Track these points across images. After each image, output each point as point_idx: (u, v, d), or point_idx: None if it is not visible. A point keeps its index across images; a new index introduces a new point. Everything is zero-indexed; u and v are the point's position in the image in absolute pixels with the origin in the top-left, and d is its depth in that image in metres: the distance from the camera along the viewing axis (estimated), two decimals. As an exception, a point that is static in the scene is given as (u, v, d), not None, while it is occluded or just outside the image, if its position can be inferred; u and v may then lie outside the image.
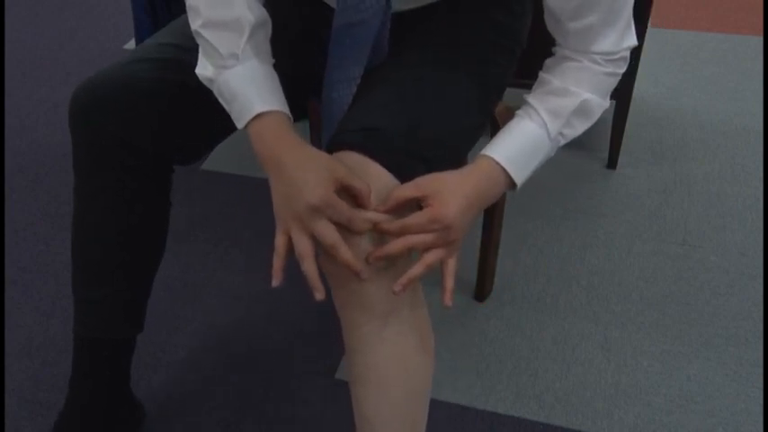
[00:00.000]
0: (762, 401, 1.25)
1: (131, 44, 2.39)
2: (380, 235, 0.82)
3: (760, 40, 2.34)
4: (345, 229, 0.80)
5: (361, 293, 0.83)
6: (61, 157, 1.88)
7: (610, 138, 1.77)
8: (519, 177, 0.90)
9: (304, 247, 0.80)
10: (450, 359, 1.34)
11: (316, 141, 1.47)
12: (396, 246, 0.81)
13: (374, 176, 0.84)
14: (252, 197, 1.74)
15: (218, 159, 1.86)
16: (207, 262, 1.56)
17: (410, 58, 0.96)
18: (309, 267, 0.80)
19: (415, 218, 0.81)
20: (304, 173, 0.79)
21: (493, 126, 1.20)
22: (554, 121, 0.90)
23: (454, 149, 0.96)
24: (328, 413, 1.25)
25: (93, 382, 1.07)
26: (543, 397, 1.27)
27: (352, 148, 0.86)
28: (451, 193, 0.83)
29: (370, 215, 0.81)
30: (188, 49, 0.96)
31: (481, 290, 1.44)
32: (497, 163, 0.88)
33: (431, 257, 0.83)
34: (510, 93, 1.15)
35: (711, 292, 1.47)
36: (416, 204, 0.85)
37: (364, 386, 0.88)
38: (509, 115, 1.20)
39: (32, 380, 1.31)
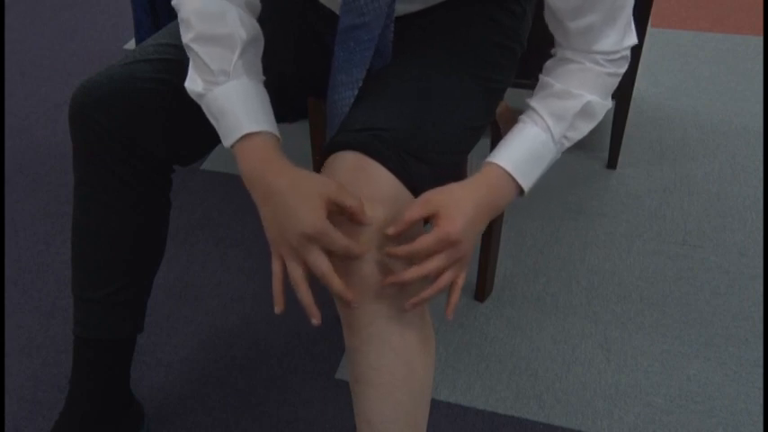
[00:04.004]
0: (762, 401, 1.25)
1: (131, 44, 2.39)
2: (385, 256, 0.82)
3: (760, 40, 2.34)
4: (342, 256, 0.80)
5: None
6: (61, 157, 1.88)
7: (610, 138, 1.77)
8: (526, 183, 0.89)
9: (298, 275, 0.80)
10: (450, 359, 1.34)
11: (316, 141, 1.47)
12: (410, 274, 0.80)
13: (375, 177, 0.84)
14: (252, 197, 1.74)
15: (218, 159, 1.86)
16: (207, 262, 1.56)
17: (412, 59, 0.96)
18: (304, 295, 0.81)
19: (423, 241, 0.80)
20: (295, 200, 0.78)
21: (493, 127, 1.20)
22: (558, 125, 0.90)
23: (456, 150, 0.95)
24: (328, 413, 1.25)
25: (94, 383, 1.07)
26: (543, 397, 1.27)
27: (352, 147, 0.86)
28: (458, 206, 0.82)
29: (370, 235, 0.81)
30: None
31: (481, 290, 1.44)
32: (504, 170, 0.88)
33: (444, 281, 0.83)
34: (510, 92, 1.15)
35: (711, 292, 1.47)
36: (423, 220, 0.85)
37: (366, 387, 0.88)
38: (510, 115, 1.20)
39: (32, 380, 1.31)
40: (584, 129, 0.93)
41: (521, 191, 0.90)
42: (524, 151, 0.90)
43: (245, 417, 1.25)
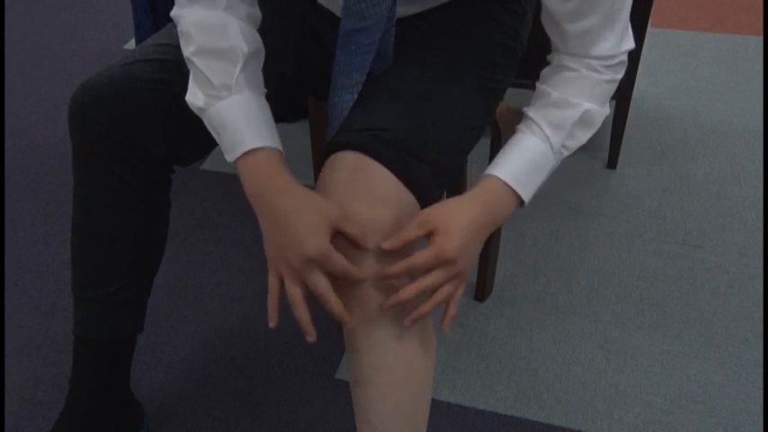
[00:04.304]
0: (762, 401, 1.25)
1: (131, 44, 2.39)
2: (382, 274, 0.82)
3: (760, 40, 2.34)
4: (342, 278, 0.80)
5: (364, 295, 0.83)
6: (61, 157, 1.88)
7: (610, 138, 1.77)
8: (526, 194, 0.89)
9: (296, 294, 0.80)
10: (450, 359, 1.34)
11: (316, 141, 1.47)
12: (407, 292, 0.81)
13: (375, 177, 0.84)
14: (252, 197, 1.74)
15: (219, 159, 1.86)
16: (207, 262, 1.56)
17: (412, 61, 0.96)
18: (302, 314, 0.81)
19: (419, 257, 0.81)
20: (298, 221, 0.78)
21: (493, 127, 1.20)
22: (556, 134, 0.89)
23: (456, 150, 0.95)
24: (328, 413, 1.25)
25: (94, 383, 1.07)
26: (543, 397, 1.27)
27: (353, 147, 0.86)
28: (456, 223, 0.82)
29: (371, 259, 0.81)
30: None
31: (481, 290, 1.44)
32: (503, 182, 0.87)
33: (441, 295, 0.83)
34: (510, 92, 1.15)
35: (711, 292, 1.47)
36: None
37: (366, 387, 0.88)
38: (510, 115, 1.20)
39: (32, 380, 1.31)
40: (583, 137, 0.92)
41: (521, 202, 0.90)
42: (523, 162, 0.89)
43: (245, 417, 1.25)
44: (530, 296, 1.47)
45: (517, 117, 0.95)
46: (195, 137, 1.02)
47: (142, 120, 0.95)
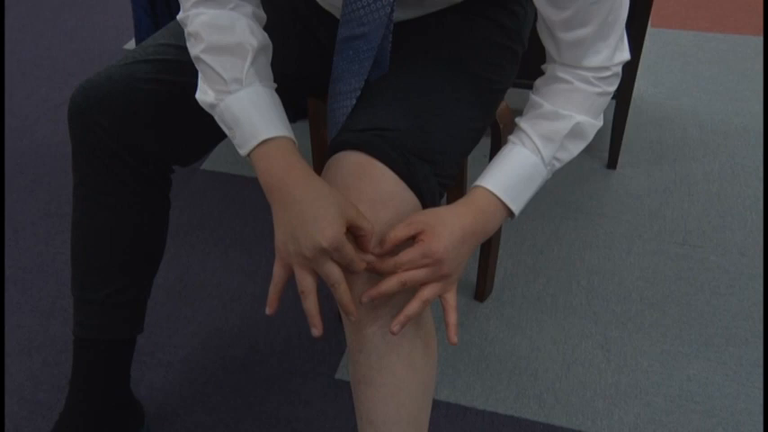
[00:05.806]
0: (762, 401, 1.25)
1: (131, 44, 2.39)
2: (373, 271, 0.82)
3: (760, 40, 2.34)
4: (343, 268, 0.80)
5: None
6: (61, 157, 1.88)
7: (610, 138, 1.77)
8: (516, 206, 0.89)
9: (308, 284, 0.80)
10: (450, 359, 1.34)
11: (316, 141, 1.47)
12: (389, 283, 0.80)
13: (378, 178, 0.84)
14: (252, 197, 1.74)
15: (218, 159, 1.86)
16: (207, 262, 1.56)
17: (413, 62, 0.96)
18: (311, 305, 0.81)
19: (406, 254, 0.80)
20: (314, 211, 0.78)
21: (493, 127, 1.20)
22: (547, 147, 0.89)
23: (457, 150, 0.95)
24: (328, 413, 1.25)
25: (93, 383, 1.07)
26: (543, 397, 1.27)
27: (355, 147, 0.86)
28: (444, 226, 0.82)
29: (368, 258, 0.81)
30: (188, 50, 0.96)
31: (481, 290, 1.44)
32: (492, 193, 0.87)
33: (426, 293, 0.82)
34: (510, 92, 1.15)
35: (711, 292, 1.47)
36: (413, 240, 0.84)
37: (368, 387, 0.88)
38: (510, 115, 1.20)
39: (32, 380, 1.31)
40: (575, 150, 0.92)
41: (511, 213, 0.90)
42: (513, 175, 0.88)
43: (245, 417, 1.25)
44: (530, 296, 1.47)
45: (516, 118, 0.95)
46: (195, 137, 1.02)
47: (141, 120, 0.95)
